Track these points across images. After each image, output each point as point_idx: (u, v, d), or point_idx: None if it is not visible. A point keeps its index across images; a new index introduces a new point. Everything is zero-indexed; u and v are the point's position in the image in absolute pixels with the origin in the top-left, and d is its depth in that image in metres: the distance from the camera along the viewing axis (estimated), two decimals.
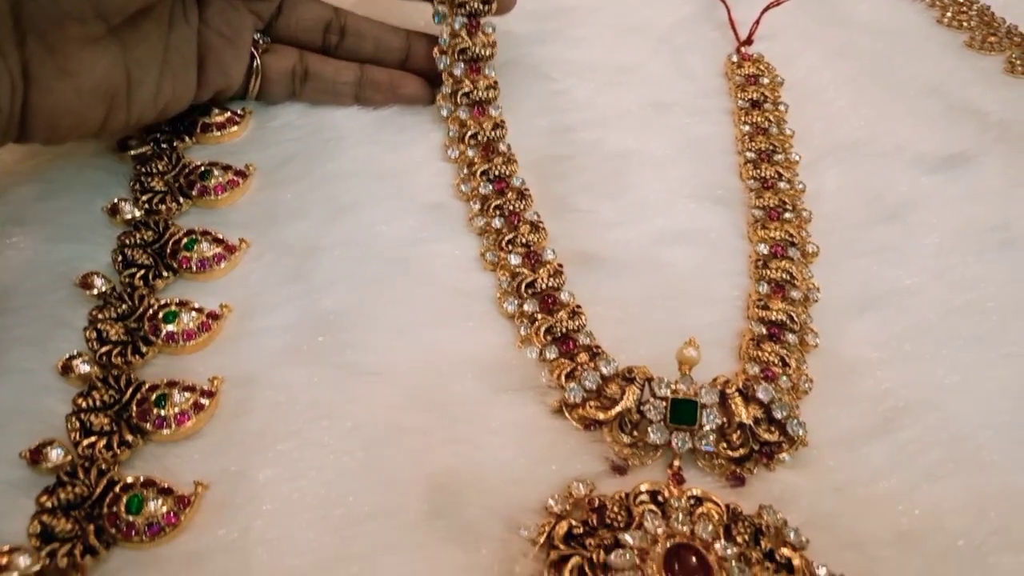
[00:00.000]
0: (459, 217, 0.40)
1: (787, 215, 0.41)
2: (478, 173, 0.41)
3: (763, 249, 0.40)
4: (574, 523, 0.30)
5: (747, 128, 0.46)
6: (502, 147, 0.42)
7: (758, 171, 0.44)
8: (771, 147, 0.45)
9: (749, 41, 0.51)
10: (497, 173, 0.41)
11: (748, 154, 0.45)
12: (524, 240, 0.39)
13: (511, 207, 0.40)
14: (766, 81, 0.49)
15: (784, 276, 0.39)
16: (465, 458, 0.32)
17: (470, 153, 0.42)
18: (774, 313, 0.37)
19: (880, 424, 0.34)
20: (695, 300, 0.38)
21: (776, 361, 0.35)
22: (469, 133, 0.42)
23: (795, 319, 0.37)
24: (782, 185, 0.43)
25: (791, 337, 0.37)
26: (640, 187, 0.42)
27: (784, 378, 0.35)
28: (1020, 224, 0.41)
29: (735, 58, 0.50)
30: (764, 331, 0.37)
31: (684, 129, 0.46)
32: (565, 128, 0.44)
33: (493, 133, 0.42)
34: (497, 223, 0.39)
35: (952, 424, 0.34)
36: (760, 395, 0.33)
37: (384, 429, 0.32)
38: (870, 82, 0.49)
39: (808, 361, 0.36)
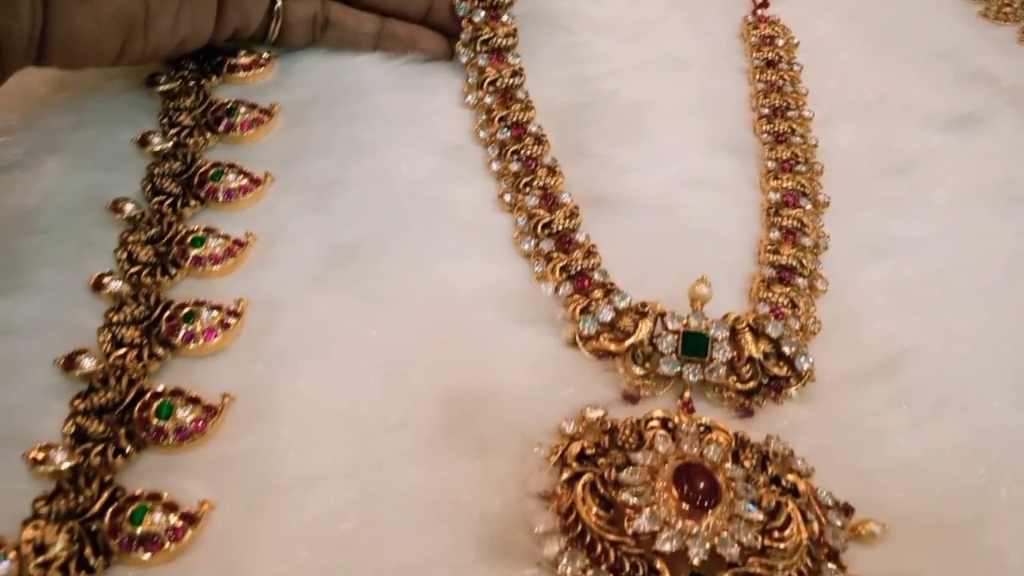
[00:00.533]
0: (478, 160, 0.41)
1: (799, 167, 0.42)
2: (496, 119, 0.42)
3: (775, 197, 0.41)
4: (587, 444, 0.31)
5: (761, 86, 0.47)
6: (520, 94, 0.43)
7: (771, 126, 0.44)
8: (785, 104, 0.46)
9: (765, 4, 0.52)
10: (515, 120, 0.42)
11: (762, 110, 0.45)
12: (541, 183, 0.40)
13: (528, 152, 0.41)
14: (781, 43, 0.50)
15: (795, 224, 0.40)
16: (481, 379, 0.33)
17: (488, 100, 0.43)
18: (784, 258, 0.38)
19: (885, 365, 0.35)
20: (707, 243, 0.39)
21: (786, 303, 0.36)
22: (488, 79, 0.43)
23: (804, 264, 0.38)
24: (795, 139, 0.44)
25: (800, 281, 0.37)
26: (656, 136, 0.43)
27: (793, 319, 0.36)
28: None
29: (751, 19, 0.51)
30: (774, 274, 0.38)
31: (700, 84, 0.46)
32: (583, 79, 0.45)
33: (511, 80, 0.43)
34: (515, 167, 0.40)
35: (955, 368, 0.35)
36: (770, 331, 0.34)
37: (402, 351, 0.33)
38: (883, 46, 0.50)
39: (816, 305, 0.37)
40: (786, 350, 0.34)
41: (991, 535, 0.30)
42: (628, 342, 0.34)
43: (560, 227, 0.38)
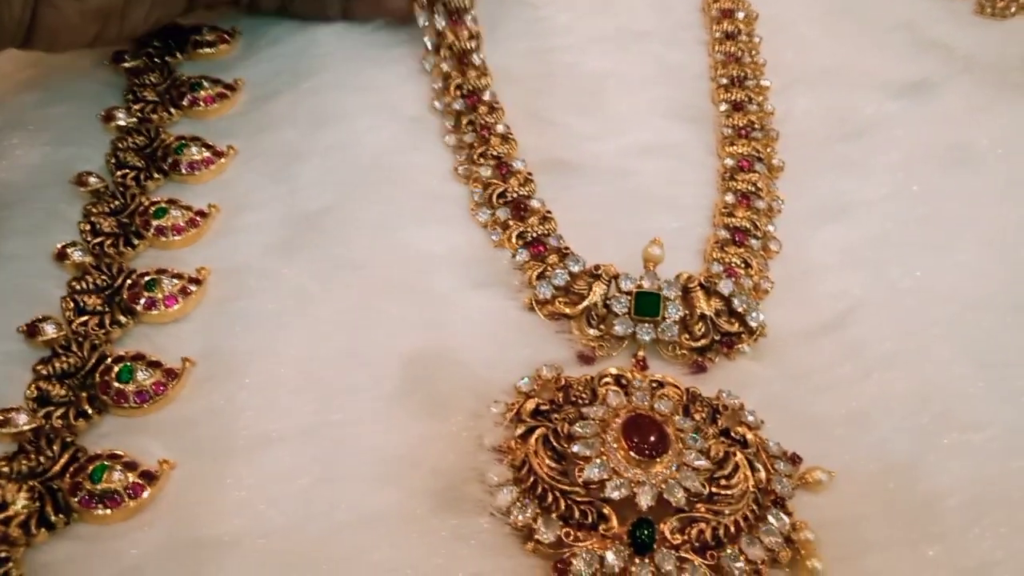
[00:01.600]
0: (439, 129, 0.42)
1: (755, 134, 0.43)
2: (452, 88, 0.42)
3: (730, 163, 0.41)
4: (541, 401, 0.31)
5: (720, 57, 0.48)
6: (476, 59, 0.43)
7: (729, 95, 0.45)
8: (743, 74, 0.46)
9: None
10: (471, 87, 0.42)
11: (721, 80, 0.46)
12: (495, 152, 0.40)
13: (482, 121, 0.41)
14: (741, 15, 0.50)
15: (750, 188, 0.40)
16: (439, 342, 0.34)
17: (445, 67, 0.43)
18: (738, 220, 0.39)
19: (835, 320, 0.36)
20: (663, 208, 0.39)
21: (739, 263, 0.37)
22: (445, 43, 0.43)
23: (758, 227, 0.39)
24: (752, 107, 0.45)
25: (754, 243, 0.38)
26: (615, 105, 0.43)
27: (746, 279, 0.37)
28: (979, 144, 0.43)
29: None
30: (728, 236, 0.38)
31: (659, 56, 0.47)
32: (544, 51, 0.46)
33: (468, 44, 0.43)
34: (469, 138, 0.41)
35: (903, 322, 0.36)
36: (721, 289, 0.35)
37: (362, 315, 0.34)
38: (842, 18, 0.51)
39: (770, 266, 0.38)
40: (737, 307, 0.35)
41: (932, 480, 0.31)
42: (582, 305, 0.35)
43: (515, 194, 0.39)
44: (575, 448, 0.29)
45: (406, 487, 0.29)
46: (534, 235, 0.37)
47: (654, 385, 0.32)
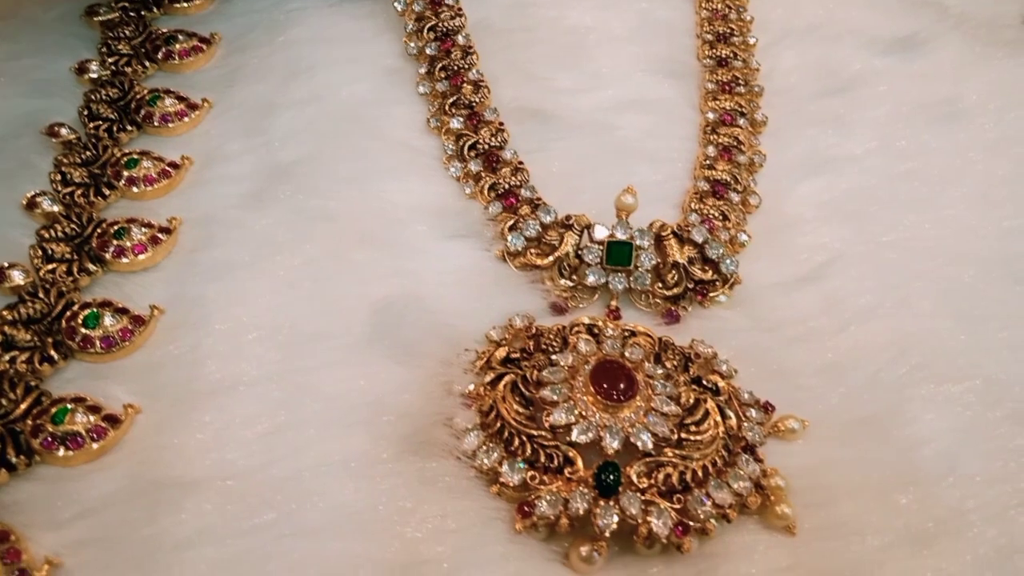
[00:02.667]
0: (414, 81, 0.41)
1: (739, 89, 0.42)
2: (426, 30, 0.41)
3: (712, 116, 0.41)
4: (512, 350, 0.31)
5: (706, 13, 0.47)
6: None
7: (714, 51, 0.44)
8: (729, 30, 0.46)
9: None
10: (444, 29, 0.41)
11: (706, 36, 0.45)
12: (467, 101, 0.40)
13: (455, 67, 0.40)
14: None
15: (731, 141, 0.40)
16: (411, 291, 0.33)
17: (417, 7, 0.42)
18: (719, 173, 0.38)
19: (814, 273, 0.35)
20: (643, 161, 0.39)
21: (717, 215, 0.37)
22: None
23: (739, 180, 0.38)
24: (736, 63, 0.44)
25: (734, 196, 0.38)
26: (597, 59, 0.43)
27: (723, 231, 0.36)
28: (967, 99, 0.42)
29: None
30: (708, 188, 0.38)
31: (645, 12, 0.46)
32: (526, 4, 0.45)
33: None
34: (441, 87, 0.40)
35: (883, 274, 0.36)
36: (694, 236, 0.35)
37: (333, 264, 0.34)
38: None
39: (749, 219, 0.38)
40: (711, 254, 0.34)
41: (908, 429, 0.31)
42: (554, 255, 0.34)
43: (487, 145, 0.38)
44: (543, 393, 0.29)
45: (372, 432, 0.29)
46: (506, 187, 0.37)
47: (626, 334, 0.32)
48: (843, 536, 0.28)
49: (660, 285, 0.34)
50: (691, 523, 0.27)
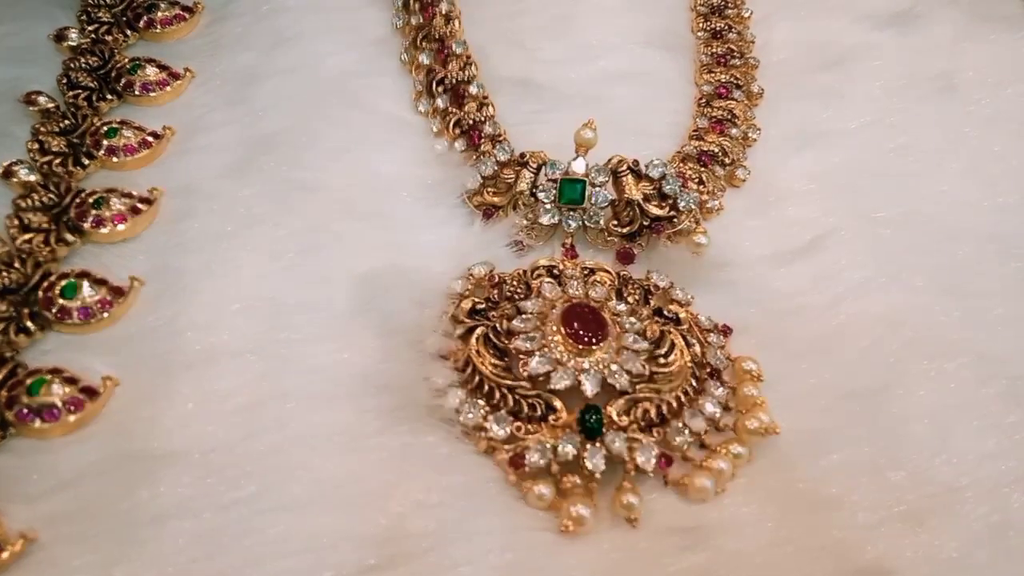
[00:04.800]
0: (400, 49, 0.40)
1: (734, 61, 0.42)
2: None
3: (707, 89, 0.40)
4: (477, 300, 0.31)
5: None
6: None
7: (709, 23, 0.44)
8: (723, 2, 0.45)
9: None
10: None
11: (700, 8, 0.45)
12: (437, 34, 0.39)
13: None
14: None
15: (725, 114, 0.39)
16: (393, 263, 0.33)
17: None
18: (707, 144, 0.38)
19: (807, 247, 0.35)
20: (633, 134, 0.38)
21: (694, 177, 0.36)
22: None
23: (727, 152, 0.37)
24: (731, 36, 0.43)
25: (719, 170, 0.37)
26: (589, 30, 0.42)
27: (695, 193, 0.35)
28: (962, 74, 0.41)
29: None
30: (693, 153, 0.37)
31: None
32: None
33: None
34: (414, 20, 0.39)
35: (876, 249, 0.35)
36: (651, 173, 0.34)
37: (316, 236, 0.33)
38: None
39: (742, 192, 0.37)
40: (667, 189, 0.33)
41: (898, 404, 0.30)
42: (509, 193, 0.34)
43: (454, 80, 0.37)
44: (517, 343, 0.29)
45: (356, 405, 0.29)
46: (470, 122, 0.36)
47: (586, 272, 0.32)
48: (834, 512, 0.28)
49: (615, 223, 0.34)
50: (673, 454, 0.28)
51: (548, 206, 0.33)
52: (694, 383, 0.29)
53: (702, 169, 0.36)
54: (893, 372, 0.31)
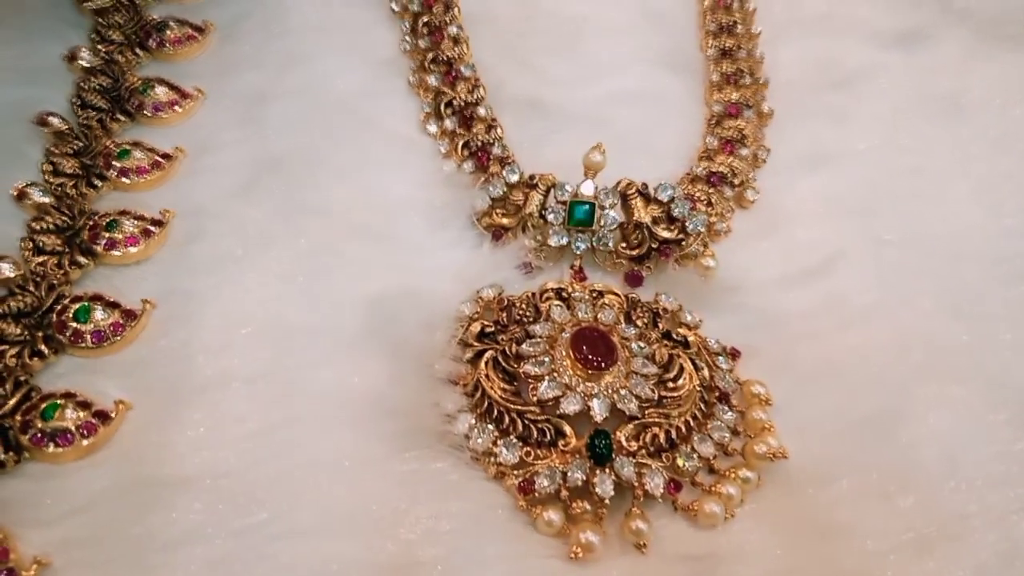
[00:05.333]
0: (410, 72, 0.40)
1: (744, 80, 0.42)
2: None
3: (718, 109, 0.40)
4: (486, 323, 0.31)
5: (709, 3, 0.46)
6: None
7: (718, 42, 0.44)
8: (732, 21, 0.45)
9: None
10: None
11: (710, 26, 0.45)
12: (445, 57, 0.39)
13: (436, 21, 0.40)
14: None
15: (736, 135, 0.39)
16: (403, 286, 0.33)
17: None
18: (716, 165, 0.38)
19: (816, 269, 0.35)
20: (641, 152, 0.38)
21: (703, 199, 0.36)
22: None
23: (737, 173, 0.38)
24: (740, 54, 0.43)
25: (727, 190, 0.37)
26: (596, 50, 0.42)
27: (704, 215, 0.35)
28: (971, 94, 0.41)
29: None
30: (703, 174, 0.37)
31: (645, 2, 0.45)
32: None
33: None
34: (423, 43, 0.40)
35: (885, 272, 0.35)
36: (660, 196, 0.34)
37: (326, 258, 0.33)
38: None
39: (750, 213, 0.37)
40: (676, 212, 0.34)
41: (907, 429, 0.30)
42: (519, 215, 0.34)
43: (463, 102, 0.38)
44: (526, 367, 0.29)
45: (366, 430, 0.29)
46: (479, 144, 0.37)
47: (595, 295, 0.32)
48: (843, 539, 0.28)
49: (624, 245, 0.34)
50: (682, 479, 0.28)
51: (557, 227, 0.33)
52: (703, 407, 0.30)
53: (711, 190, 0.36)
54: (902, 397, 0.32)
